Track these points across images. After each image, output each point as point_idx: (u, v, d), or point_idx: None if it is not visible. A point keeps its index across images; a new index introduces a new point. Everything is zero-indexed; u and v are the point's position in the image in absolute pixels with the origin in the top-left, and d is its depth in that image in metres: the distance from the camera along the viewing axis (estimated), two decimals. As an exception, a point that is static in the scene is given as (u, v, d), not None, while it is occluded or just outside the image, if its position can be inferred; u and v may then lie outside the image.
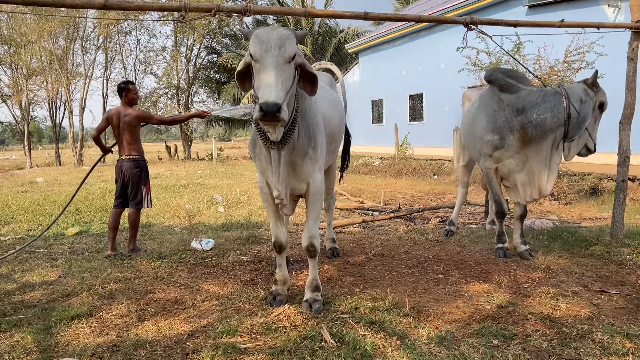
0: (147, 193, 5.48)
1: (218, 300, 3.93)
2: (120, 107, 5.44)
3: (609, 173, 10.06)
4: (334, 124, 4.39)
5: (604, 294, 3.97)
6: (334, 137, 4.43)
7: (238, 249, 5.55)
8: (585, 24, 5.03)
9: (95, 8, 3.61)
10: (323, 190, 3.86)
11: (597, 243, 5.33)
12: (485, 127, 5.08)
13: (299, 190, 3.80)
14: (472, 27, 4.56)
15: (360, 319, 3.46)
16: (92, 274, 4.66)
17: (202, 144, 48.06)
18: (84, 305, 3.84)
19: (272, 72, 3.00)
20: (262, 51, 3.06)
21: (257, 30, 3.19)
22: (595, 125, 4.82)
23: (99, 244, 6.11)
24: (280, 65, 3.04)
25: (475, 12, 15.47)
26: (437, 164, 15.04)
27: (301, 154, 3.61)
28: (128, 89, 5.43)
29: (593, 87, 4.66)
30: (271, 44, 3.06)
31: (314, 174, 3.72)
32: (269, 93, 2.93)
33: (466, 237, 5.94)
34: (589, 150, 4.89)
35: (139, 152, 5.45)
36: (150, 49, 28.59)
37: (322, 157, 3.81)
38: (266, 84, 2.98)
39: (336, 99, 4.80)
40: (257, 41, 3.09)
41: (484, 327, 3.31)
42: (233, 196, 10.05)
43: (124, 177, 5.40)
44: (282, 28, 3.25)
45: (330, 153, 4.44)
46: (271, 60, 3.03)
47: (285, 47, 3.08)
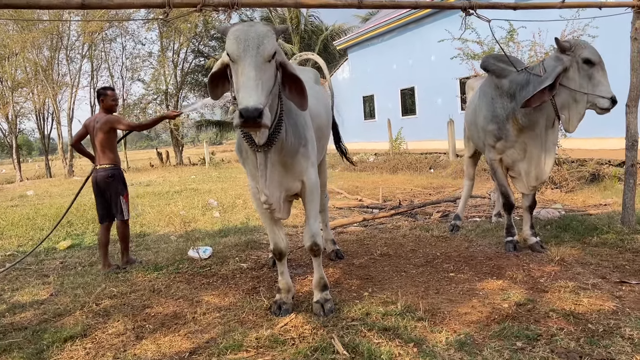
0: (126, 203, 5.18)
1: (220, 312, 3.71)
2: (97, 114, 5.19)
3: (607, 158, 9.93)
4: (322, 119, 4.21)
5: (624, 285, 3.79)
6: (322, 132, 4.25)
7: (237, 255, 5.33)
8: (586, 4, 4.85)
9: (73, 8, 3.37)
10: (319, 186, 3.67)
11: (608, 231, 5.15)
12: (486, 117, 4.91)
13: (294, 189, 3.60)
14: (470, 12, 4.35)
15: (372, 325, 3.25)
16: (86, 290, 4.42)
17: (193, 149, 47.73)
18: (78, 324, 3.61)
19: (251, 74, 2.77)
20: (240, 50, 2.82)
21: (234, 27, 2.95)
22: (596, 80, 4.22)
23: (91, 257, 5.87)
24: (259, 65, 2.81)
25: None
26: (432, 157, 14.87)
27: (291, 153, 3.41)
28: (105, 94, 5.16)
29: (565, 51, 4.31)
30: (249, 42, 2.82)
31: (308, 171, 3.54)
32: (248, 97, 2.70)
33: (472, 231, 5.75)
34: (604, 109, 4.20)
35: (112, 161, 5.11)
36: (137, 55, 28.24)
37: (313, 153, 3.63)
38: (245, 87, 2.75)
39: (322, 94, 4.61)
40: (234, 39, 2.85)
41: (504, 328, 3.11)
42: (228, 200, 9.81)
43: (100, 188, 5.10)
44: (260, 23, 3.00)
45: (319, 150, 4.25)
46: (250, 60, 2.79)
47: (264, 45, 2.84)
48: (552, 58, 4.42)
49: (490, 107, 4.79)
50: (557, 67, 4.27)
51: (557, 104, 4.38)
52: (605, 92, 4.20)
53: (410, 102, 19.31)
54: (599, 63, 4.25)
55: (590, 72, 4.24)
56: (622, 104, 5.15)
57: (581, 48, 4.27)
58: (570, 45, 4.30)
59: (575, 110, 4.38)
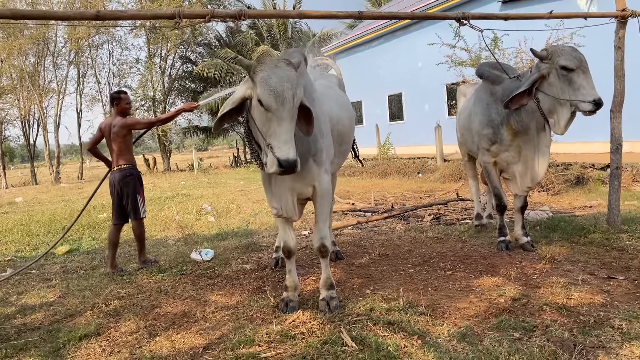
0: (143, 201, 5.34)
1: (228, 311, 3.85)
2: (112, 118, 5.32)
3: (591, 161, 10.26)
4: (344, 125, 4.34)
5: (612, 280, 4.00)
6: (343, 138, 4.38)
7: (239, 257, 5.47)
8: (573, 15, 5.10)
9: (88, 19, 3.51)
10: (330, 191, 3.85)
11: (595, 231, 5.39)
12: (481, 122, 5.11)
13: (306, 194, 3.77)
14: (464, 22, 4.57)
15: (377, 320, 3.42)
16: (93, 292, 4.52)
17: (179, 155, 47.63)
18: (90, 324, 3.72)
19: (288, 126, 2.99)
20: (279, 104, 2.98)
21: (264, 71, 3.05)
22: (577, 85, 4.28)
23: (92, 261, 5.95)
24: (293, 114, 3.04)
25: (451, 9, 15.63)
26: (420, 162, 15.11)
27: (302, 161, 3.55)
28: (119, 98, 5.28)
29: (543, 60, 4.48)
30: (285, 94, 2.98)
31: (320, 177, 3.69)
32: (287, 150, 2.95)
33: (465, 232, 5.95)
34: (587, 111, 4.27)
35: (130, 162, 5.27)
36: (124, 61, 28.15)
37: (327, 160, 3.78)
38: (283, 138, 2.97)
39: (346, 100, 4.76)
40: (270, 91, 2.98)
41: (502, 321, 3.30)
42: (222, 205, 9.93)
43: (119, 189, 5.24)
44: (284, 65, 3.10)
45: (340, 155, 4.40)
46: (287, 113, 2.99)
47: (298, 96, 3.05)
48: (534, 66, 4.63)
49: (485, 112, 5.00)
50: (534, 74, 4.48)
51: (544, 109, 4.56)
52: (586, 95, 4.24)
53: (398, 107, 19.59)
54: (578, 67, 4.30)
55: (570, 77, 4.31)
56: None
57: (558, 55, 4.36)
58: (547, 54, 4.44)
59: (562, 114, 4.48)
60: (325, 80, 4.65)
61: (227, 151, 47.95)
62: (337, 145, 4.13)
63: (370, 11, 4.92)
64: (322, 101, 3.85)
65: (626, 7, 5.21)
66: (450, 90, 15.94)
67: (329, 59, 5.35)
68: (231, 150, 39.60)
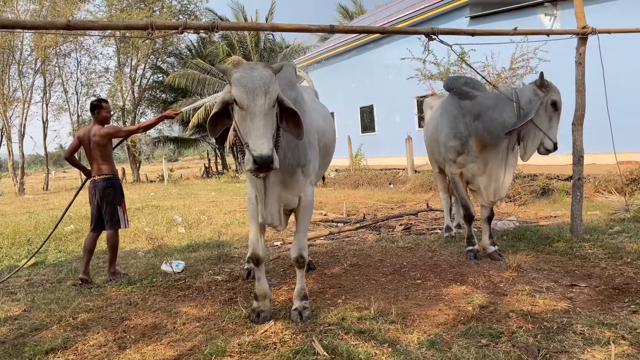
0: (124, 213, 5.32)
1: (199, 322, 3.83)
2: (91, 126, 5.29)
3: (556, 173, 10.56)
4: (328, 137, 4.43)
5: (575, 288, 4.14)
6: (328, 150, 4.46)
7: (210, 268, 5.44)
8: (536, 32, 5.29)
9: (58, 29, 3.48)
10: (313, 203, 3.89)
11: (559, 240, 5.56)
12: (448, 134, 5.24)
13: (292, 205, 3.82)
14: (433, 37, 4.70)
15: (348, 329, 3.46)
16: (60, 305, 4.43)
17: (148, 166, 46.89)
18: (57, 338, 3.65)
19: (261, 122, 3.00)
20: (250, 100, 3.01)
21: (237, 71, 3.12)
22: (552, 123, 4.81)
23: (58, 274, 5.81)
24: (267, 112, 3.04)
25: (420, 23, 15.96)
26: (391, 173, 15.28)
27: (290, 172, 3.62)
28: (101, 106, 5.26)
29: (542, 88, 4.75)
30: (257, 91, 3.01)
31: (305, 188, 3.76)
32: (261, 145, 2.95)
33: (435, 242, 6.06)
34: (547, 150, 4.87)
35: (111, 172, 5.26)
36: (92, 70, 27.60)
37: (313, 172, 3.86)
38: (257, 135, 2.98)
39: (328, 112, 4.83)
40: (242, 88, 3.03)
41: (470, 328, 3.38)
42: (193, 216, 9.84)
43: (98, 197, 5.20)
44: (260, 66, 3.17)
45: (322, 166, 4.46)
46: (260, 109, 3.01)
47: (271, 93, 3.06)
48: (529, 90, 4.79)
49: (452, 125, 5.13)
50: (537, 101, 4.69)
51: (522, 132, 4.81)
52: (554, 136, 4.78)
53: (370, 119, 19.81)
54: (559, 109, 4.77)
55: (552, 115, 4.77)
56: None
57: (554, 91, 4.75)
58: (547, 84, 4.74)
59: (531, 143, 4.88)
60: (307, 94, 4.73)
61: (198, 162, 47.52)
62: (322, 157, 4.20)
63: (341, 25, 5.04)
64: (310, 114, 3.91)
65: (586, 25, 5.43)
66: (420, 103, 16.22)
67: (301, 71, 5.43)
68: (202, 160, 39.29)
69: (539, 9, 12.79)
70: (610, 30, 5.50)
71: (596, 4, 11.03)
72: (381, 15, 20.85)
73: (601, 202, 8.16)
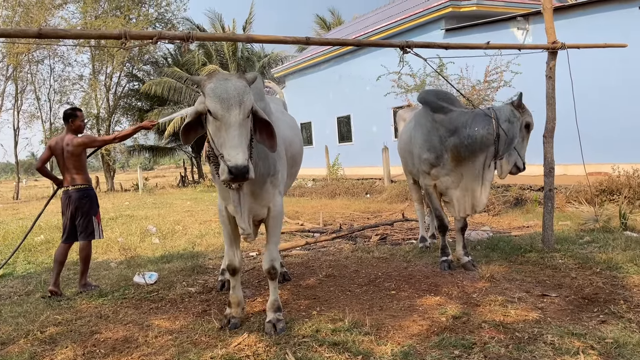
0: (99, 223, 5.26)
1: (172, 335, 3.77)
2: (64, 135, 5.18)
3: (529, 184, 10.75)
4: (295, 147, 4.46)
5: (545, 298, 4.20)
6: (295, 160, 4.49)
7: (184, 280, 5.37)
8: (508, 46, 5.40)
9: (30, 37, 3.42)
10: (283, 213, 3.90)
11: (531, 250, 5.65)
12: (422, 146, 5.29)
13: (262, 215, 3.83)
14: (407, 50, 4.75)
15: (322, 341, 3.44)
16: (27, 319, 4.31)
17: (123, 175, 46.22)
18: (24, 353, 3.55)
19: (236, 132, 2.99)
20: (224, 111, 3.01)
21: (211, 82, 3.11)
22: (523, 144, 5.05)
23: (27, 286, 5.67)
24: (242, 122, 3.04)
25: (397, 35, 16.16)
26: (368, 183, 15.37)
27: (260, 183, 3.63)
28: (75, 115, 5.18)
29: (519, 109, 4.89)
30: (232, 101, 3.01)
31: (275, 199, 3.77)
32: (236, 156, 2.94)
33: (410, 252, 6.09)
34: (518, 169, 5.13)
35: (86, 182, 5.18)
36: (66, 77, 27.11)
37: (282, 182, 3.88)
38: (232, 145, 2.98)
39: (295, 123, 4.87)
40: (216, 98, 3.02)
41: (443, 339, 3.39)
42: (167, 226, 9.72)
43: (72, 208, 5.10)
44: (235, 78, 3.17)
45: (290, 176, 4.48)
46: (234, 119, 3.00)
47: (245, 104, 3.06)
48: (508, 110, 4.90)
49: (426, 138, 5.18)
50: (518, 123, 4.87)
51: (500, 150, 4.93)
52: (524, 156, 5.12)
53: (347, 129, 19.91)
54: (530, 132, 5.05)
55: (524, 136, 5.00)
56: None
57: (528, 114, 4.96)
58: (523, 107, 4.92)
59: (506, 162, 5.12)
60: (274, 104, 4.75)
61: (174, 171, 47.01)
62: (289, 167, 4.22)
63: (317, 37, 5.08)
64: (278, 125, 3.92)
65: (556, 40, 5.57)
66: (396, 113, 16.37)
67: (271, 82, 5.49)
68: (178, 169, 38.87)
69: (511, 23, 13.08)
70: (579, 45, 5.65)
71: (566, 20, 11.34)
72: (358, 26, 21.04)
73: (572, 212, 8.33)
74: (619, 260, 5.01)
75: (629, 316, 3.65)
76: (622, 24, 10.73)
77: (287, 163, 4.07)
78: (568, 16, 11.57)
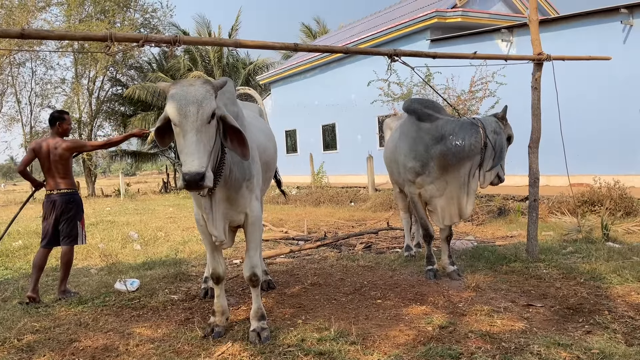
0: (82, 229, 5.20)
1: (154, 344, 3.68)
2: (50, 138, 5.11)
3: (512, 194, 10.85)
4: (269, 153, 4.42)
5: (531, 308, 4.20)
6: (269, 166, 4.46)
7: (167, 287, 5.27)
8: (495, 56, 5.44)
9: (12, 37, 3.34)
10: (261, 219, 3.85)
11: (516, 260, 5.66)
12: (407, 155, 5.28)
13: (238, 222, 3.77)
14: (395, 59, 4.76)
15: (308, 350, 3.39)
16: (4, 326, 4.19)
17: (104, 180, 45.68)
18: (0, 361, 3.44)
19: (192, 138, 2.93)
20: (181, 116, 2.96)
21: (173, 89, 3.07)
22: (504, 155, 5.03)
23: (3, 292, 5.53)
24: (199, 128, 2.96)
25: (382, 45, 16.26)
26: (352, 191, 15.37)
27: (235, 187, 3.58)
28: (63, 118, 5.14)
29: (503, 121, 4.97)
30: (189, 107, 2.95)
31: (251, 204, 3.72)
32: (191, 162, 2.88)
33: (395, 261, 6.07)
34: (500, 179, 5.14)
35: (72, 186, 5.13)
36: (48, 80, 26.71)
37: (258, 187, 3.83)
38: (187, 151, 2.91)
39: (269, 129, 4.84)
40: (173, 104, 2.98)
41: (430, 349, 3.36)
42: (149, 233, 9.59)
43: (57, 213, 5.02)
44: (198, 83, 3.11)
45: (264, 182, 4.45)
46: (190, 126, 2.94)
47: (203, 109, 2.98)
48: (493, 121, 4.96)
49: (412, 146, 5.18)
50: (503, 134, 4.92)
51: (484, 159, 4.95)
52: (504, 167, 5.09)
53: (331, 137, 19.93)
54: (511, 143, 5.11)
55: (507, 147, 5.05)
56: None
57: (509, 127, 5.03)
58: (506, 120, 5.02)
59: (490, 172, 5.06)
60: (248, 110, 4.73)
61: (156, 176, 46.59)
62: (263, 172, 4.19)
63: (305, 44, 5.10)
64: (251, 130, 3.91)
65: (542, 52, 5.62)
66: (382, 122, 16.44)
67: (250, 89, 5.50)
68: (161, 175, 38.51)
69: (496, 35, 13.25)
70: (564, 57, 5.71)
71: (550, 32, 11.51)
72: (344, 35, 21.14)
73: (554, 222, 8.41)
74: (602, 271, 5.05)
75: (614, 327, 3.66)
76: (605, 38, 10.94)
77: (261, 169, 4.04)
78: (552, 29, 11.75)
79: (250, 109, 5.01)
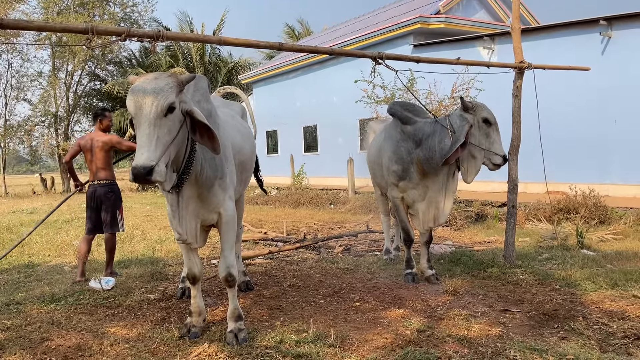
0: (122, 217, 5.63)
1: (129, 344, 3.62)
2: (94, 133, 5.60)
3: (490, 200, 10.97)
4: (245, 154, 4.38)
5: (508, 313, 4.24)
6: (245, 166, 4.41)
7: (143, 286, 5.19)
8: (478, 63, 5.50)
9: (-11, 25, 3.24)
10: (236, 218, 3.81)
11: (493, 265, 5.72)
12: (390, 158, 5.30)
13: (210, 221, 3.72)
14: (379, 62, 4.77)
15: (286, 352, 3.37)
16: (-27, 324, 4.07)
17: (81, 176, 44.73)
18: (-33, 360, 3.34)
19: (145, 132, 2.89)
20: (136, 109, 2.94)
21: (136, 82, 3.04)
22: (492, 138, 4.80)
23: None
24: (153, 121, 2.91)
25: (365, 48, 16.29)
26: (332, 193, 15.36)
27: (207, 186, 3.53)
28: (104, 115, 5.66)
29: (468, 110, 4.82)
30: (144, 100, 2.92)
31: (225, 203, 3.67)
32: (140, 155, 2.85)
33: (374, 264, 6.08)
34: (497, 165, 4.83)
35: (111, 177, 5.56)
36: (24, 73, 26.13)
37: (231, 186, 3.78)
38: (139, 145, 2.88)
39: (248, 129, 4.81)
40: (131, 97, 2.96)
41: (407, 353, 3.36)
42: (126, 231, 9.40)
43: (98, 202, 5.46)
44: (164, 77, 3.08)
45: (241, 183, 4.42)
46: (144, 118, 2.91)
47: (158, 102, 2.93)
48: (457, 116, 4.85)
49: (395, 150, 5.20)
50: (465, 125, 4.71)
51: (461, 157, 4.83)
52: (499, 150, 4.79)
53: (313, 139, 19.91)
54: (494, 124, 4.81)
55: (488, 131, 4.80)
56: (506, 152, 5.82)
57: (481, 109, 4.80)
58: (472, 106, 4.82)
59: (473, 164, 4.91)
60: (227, 109, 4.69)
61: (134, 174, 45.88)
62: (239, 172, 4.15)
63: (290, 43, 5.09)
64: (225, 128, 3.89)
65: (524, 60, 5.70)
66: (363, 125, 16.50)
67: (236, 88, 5.51)
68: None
69: (478, 42, 13.40)
70: (545, 66, 5.80)
71: (531, 41, 11.69)
72: (328, 37, 21.17)
73: (531, 229, 8.53)
74: (577, 278, 5.13)
75: (588, 333, 3.71)
76: (584, 49, 11.15)
77: (236, 169, 4.00)
78: (533, 38, 11.93)
79: (231, 108, 4.97)
